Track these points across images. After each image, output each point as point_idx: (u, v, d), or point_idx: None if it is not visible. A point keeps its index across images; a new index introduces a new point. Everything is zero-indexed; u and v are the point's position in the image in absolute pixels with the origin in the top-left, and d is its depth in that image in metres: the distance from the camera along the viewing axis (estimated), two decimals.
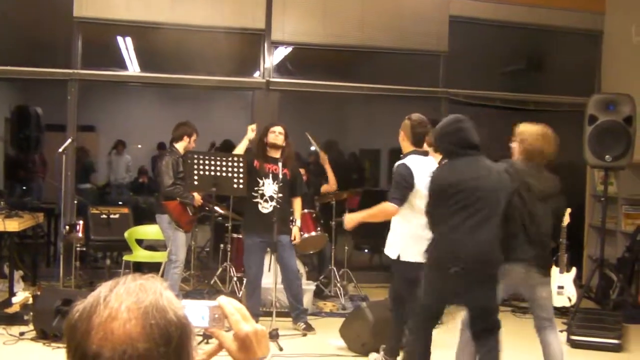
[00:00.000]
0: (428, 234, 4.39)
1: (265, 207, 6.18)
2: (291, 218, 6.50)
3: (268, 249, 6.30)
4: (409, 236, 4.82)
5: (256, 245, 6.19)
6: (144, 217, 8.35)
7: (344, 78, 8.77)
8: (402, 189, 4.73)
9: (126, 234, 7.63)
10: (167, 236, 6.78)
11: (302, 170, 6.98)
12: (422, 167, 4.81)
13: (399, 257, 4.88)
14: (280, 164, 6.11)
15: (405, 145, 5.00)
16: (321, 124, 10.44)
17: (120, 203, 9.42)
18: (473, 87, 8.80)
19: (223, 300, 1.44)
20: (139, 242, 7.85)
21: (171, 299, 1.21)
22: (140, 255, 7.68)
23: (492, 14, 8.77)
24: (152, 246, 8.09)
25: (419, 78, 8.92)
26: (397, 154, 5.24)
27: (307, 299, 6.77)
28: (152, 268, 7.05)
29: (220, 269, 7.43)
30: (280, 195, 6.19)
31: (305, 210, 6.97)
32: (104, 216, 7.95)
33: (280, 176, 6.11)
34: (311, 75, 8.67)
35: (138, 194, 11.41)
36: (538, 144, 4.53)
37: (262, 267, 6.29)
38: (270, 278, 6.28)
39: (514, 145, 4.64)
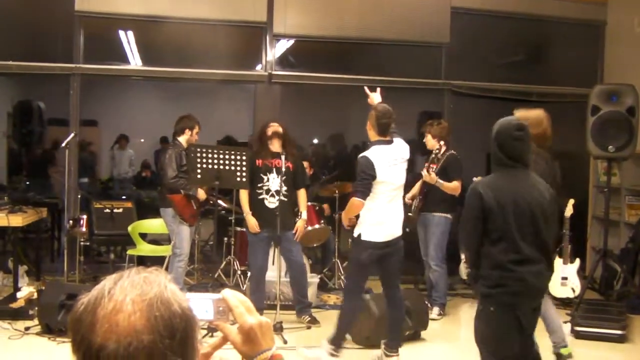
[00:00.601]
0: (391, 218, 5.05)
1: (272, 202, 6.19)
2: (296, 209, 6.52)
3: (272, 243, 6.29)
4: (372, 220, 5.08)
5: (262, 240, 6.20)
6: (148, 211, 8.35)
7: (345, 70, 8.74)
8: (364, 181, 4.99)
9: (130, 228, 7.64)
10: (171, 230, 6.80)
11: (305, 164, 6.99)
12: (384, 156, 5.03)
13: (359, 235, 5.12)
14: (283, 157, 6.10)
15: (372, 134, 5.19)
16: (324, 117, 10.45)
17: (123, 197, 9.43)
18: (475, 79, 8.75)
19: (227, 293, 1.44)
20: (143, 236, 7.85)
21: (175, 291, 1.21)
22: (144, 249, 7.69)
23: (494, 5, 8.73)
24: (155, 240, 8.10)
25: (421, 70, 8.88)
26: None
27: (311, 292, 6.77)
28: (156, 262, 7.00)
29: (224, 263, 7.45)
30: (285, 188, 6.20)
31: (309, 203, 6.97)
32: (108, 210, 7.97)
33: (284, 169, 6.10)
34: (313, 68, 8.64)
35: (141, 188, 11.41)
36: (543, 128, 4.74)
37: (266, 261, 6.30)
38: (275, 271, 6.29)
39: None
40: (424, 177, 6.54)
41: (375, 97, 5.47)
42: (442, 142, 6.57)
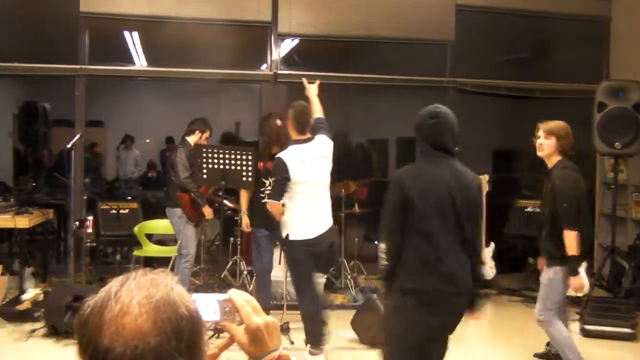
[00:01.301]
0: (315, 215, 5.15)
1: None
2: None
3: (277, 242, 6.26)
4: (296, 219, 5.17)
5: (264, 238, 6.15)
6: (154, 211, 8.35)
7: (351, 69, 8.73)
8: (279, 183, 5.11)
9: (136, 229, 7.64)
10: (177, 230, 6.81)
11: None
12: (300, 155, 5.11)
13: (287, 236, 5.21)
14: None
15: (292, 133, 5.26)
16: (329, 115, 10.39)
17: (129, 198, 9.44)
18: (480, 76, 8.72)
19: (233, 294, 1.44)
20: (149, 236, 7.86)
21: (182, 293, 1.21)
22: (150, 250, 7.69)
23: (498, 2, 8.69)
24: (161, 241, 8.09)
25: (426, 67, 8.87)
26: (405, 143, 5.28)
27: None
28: (162, 263, 7.09)
29: (230, 263, 7.45)
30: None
31: None
32: (114, 211, 7.98)
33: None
34: (318, 67, 8.60)
35: (147, 188, 11.41)
36: (570, 138, 4.82)
37: (271, 259, 6.26)
38: (281, 271, 6.27)
39: (546, 142, 4.79)
40: None
41: (312, 89, 5.56)
42: None
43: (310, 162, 5.13)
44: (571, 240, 4.58)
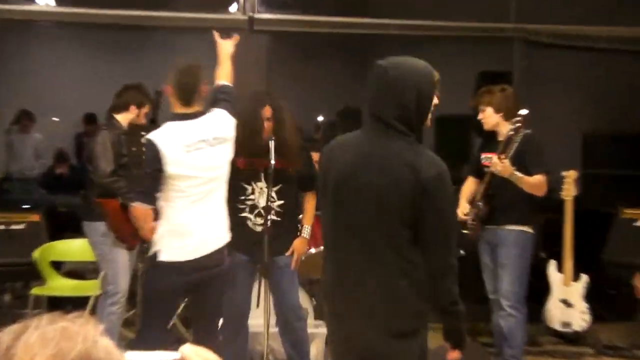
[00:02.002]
0: (200, 226, 5.18)
1: (258, 225, 6.13)
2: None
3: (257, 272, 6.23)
4: (172, 231, 5.19)
5: (240, 267, 6.10)
6: (64, 226, 8.33)
7: (366, 13, 8.75)
8: (149, 178, 5.16)
9: (36, 254, 7.62)
10: (100, 255, 6.82)
11: (314, 156, 6.88)
12: (181, 137, 5.12)
13: (155, 255, 5.20)
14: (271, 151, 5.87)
15: (174, 105, 5.32)
16: (332, 83, 10.44)
17: (26, 206, 9.37)
18: (559, 21, 8.79)
19: (187, 350, 1.53)
20: (57, 265, 7.87)
21: (110, 350, 1.26)
22: (59, 285, 7.69)
23: None
24: (76, 272, 8.10)
25: (479, 11, 8.91)
26: (448, 123, 5.16)
27: (315, 349, 6.75)
28: (77, 305, 7.05)
29: (182, 305, 7.36)
30: (282, 202, 6.13)
31: (318, 213, 6.87)
32: (2, 227, 8.01)
33: (278, 173, 5.91)
34: (316, 9, 8.67)
35: (54, 192, 11.23)
36: None
37: (248, 298, 6.26)
38: (261, 318, 6.15)
39: None
40: (493, 166, 6.43)
41: (225, 47, 5.76)
42: (517, 118, 6.43)
43: (196, 147, 5.14)
44: None
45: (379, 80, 3.81)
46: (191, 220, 5.18)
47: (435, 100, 3.87)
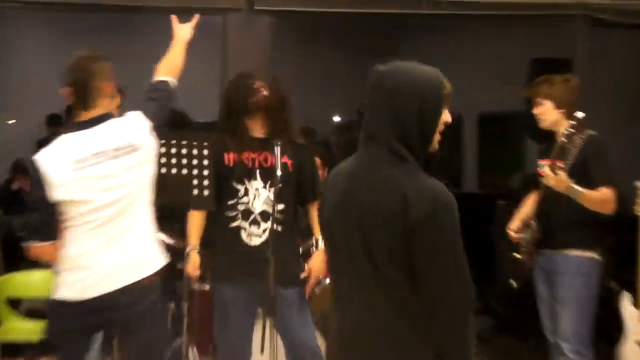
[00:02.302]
0: (100, 259, 5.08)
1: (255, 235, 6.08)
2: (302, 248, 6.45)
3: (259, 309, 6.18)
4: (67, 265, 5.16)
5: (237, 302, 6.08)
6: (23, 255, 8.21)
7: None
8: (38, 208, 5.13)
9: None
10: None
11: (318, 160, 6.96)
12: (71, 152, 5.05)
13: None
14: (277, 149, 5.83)
15: (75, 110, 5.27)
16: (345, 75, 10.44)
17: None
18: None
19: None
20: (14, 304, 7.97)
21: None
22: (17, 327, 7.78)
23: None
24: (39, 310, 7.94)
25: None
26: (491, 122, 5.01)
27: None
28: (40, 350, 7.14)
29: (170, 349, 7.24)
30: (282, 206, 6.03)
31: None
32: None
33: (279, 170, 5.80)
34: None
35: (10, 211, 11.18)
36: None
37: (248, 342, 6.20)
38: None
39: None
40: (546, 180, 6.32)
41: (181, 31, 5.80)
42: (572, 122, 6.23)
43: (90, 163, 5.02)
44: None
45: (373, 92, 3.70)
46: (88, 252, 5.11)
47: (447, 117, 3.67)
